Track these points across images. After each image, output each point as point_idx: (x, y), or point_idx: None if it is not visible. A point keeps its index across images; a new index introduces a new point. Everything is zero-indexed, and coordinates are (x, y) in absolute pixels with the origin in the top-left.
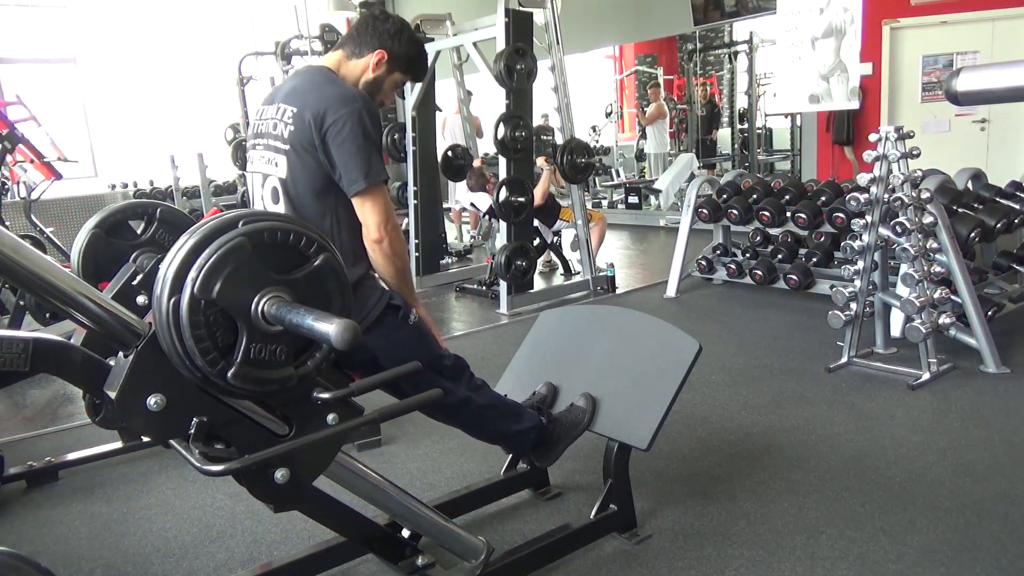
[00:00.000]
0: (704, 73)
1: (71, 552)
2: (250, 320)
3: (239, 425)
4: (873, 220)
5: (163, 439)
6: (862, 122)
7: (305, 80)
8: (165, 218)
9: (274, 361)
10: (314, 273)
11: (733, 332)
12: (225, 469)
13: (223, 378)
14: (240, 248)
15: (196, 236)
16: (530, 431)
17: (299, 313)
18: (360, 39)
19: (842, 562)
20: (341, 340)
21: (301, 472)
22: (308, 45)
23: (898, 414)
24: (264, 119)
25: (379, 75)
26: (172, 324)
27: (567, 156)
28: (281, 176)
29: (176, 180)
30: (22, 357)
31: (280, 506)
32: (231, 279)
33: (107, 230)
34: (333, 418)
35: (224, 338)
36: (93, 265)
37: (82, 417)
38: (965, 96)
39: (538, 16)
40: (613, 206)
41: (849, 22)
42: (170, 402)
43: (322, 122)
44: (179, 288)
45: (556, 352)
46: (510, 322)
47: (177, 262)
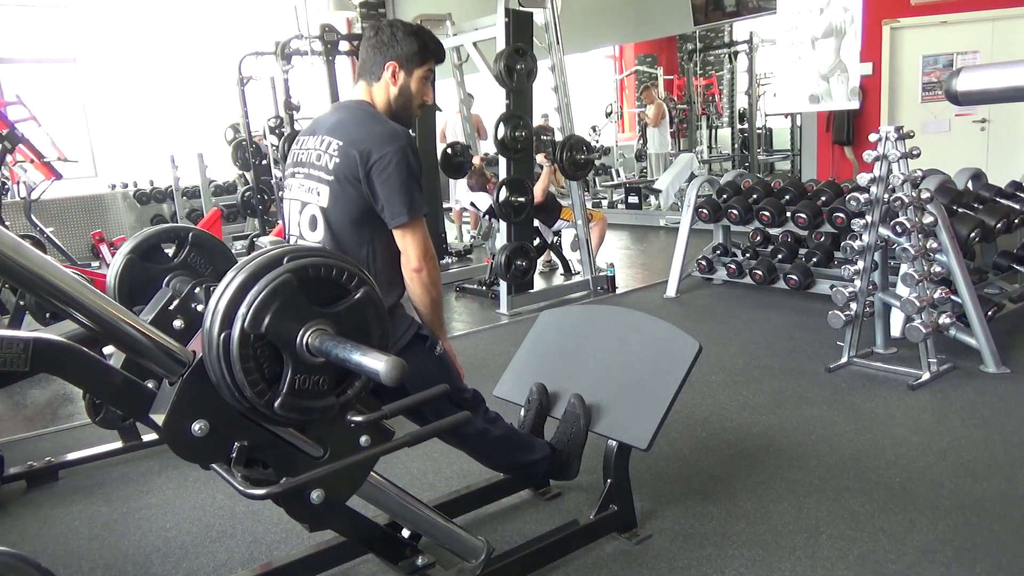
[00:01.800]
0: (704, 73)
1: (71, 552)
2: (295, 353)
3: (277, 448)
4: (873, 220)
5: (206, 463)
6: (862, 122)
7: (349, 115)
8: (196, 242)
9: (317, 391)
10: (355, 306)
11: (733, 332)
12: (267, 493)
13: (270, 408)
14: (287, 284)
15: (244, 272)
16: (542, 461)
17: (345, 348)
18: (370, 65)
19: (842, 562)
20: (391, 378)
21: (335, 493)
22: (308, 45)
23: (898, 414)
24: (306, 149)
25: (402, 84)
26: (222, 357)
27: (567, 153)
28: (322, 205)
29: (176, 180)
30: (22, 357)
31: (316, 526)
32: (279, 314)
33: (141, 255)
34: (366, 440)
35: (270, 370)
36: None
37: (82, 417)
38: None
39: (538, 16)
40: (613, 206)
41: (849, 22)
42: (214, 427)
43: (368, 157)
44: (229, 323)
45: (556, 352)
46: (510, 322)
47: (227, 298)
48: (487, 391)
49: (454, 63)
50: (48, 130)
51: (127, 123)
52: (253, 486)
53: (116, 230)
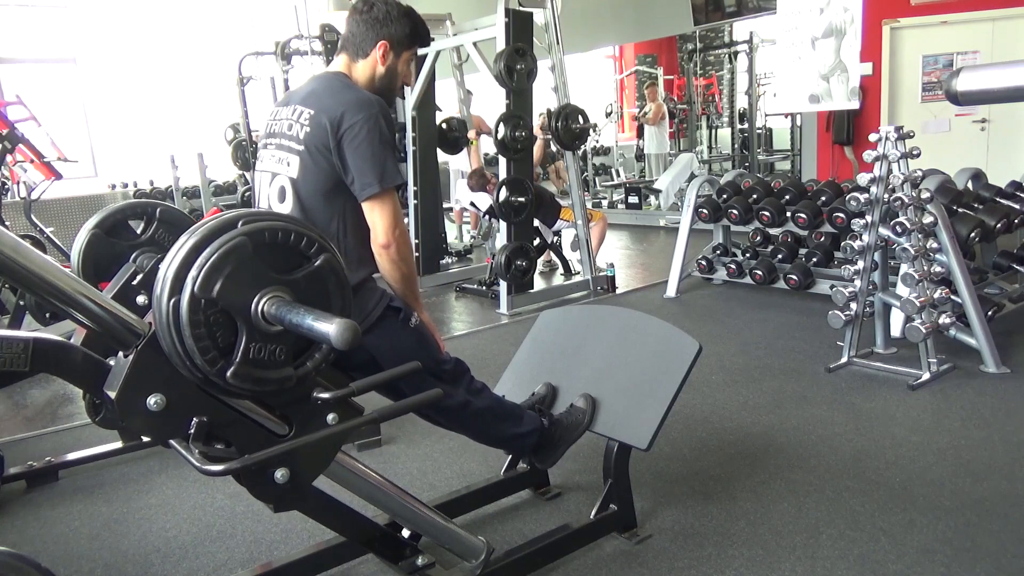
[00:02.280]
0: (704, 73)
1: (71, 552)
2: (250, 320)
3: (239, 425)
4: (873, 220)
5: (163, 439)
6: (862, 122)
7: (322, 84)
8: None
9: (273, 361)
10: (314, 273)
11: (733, 332)
12: (225, 469)
13: (222, 378)
14: (241, 247)
15: (196, 236)
16: (531, 434)
17: (299, 313)
18: (357, 39)
19: (842, 562)
20: (341, 340)
21: (301, 472)
22: (308, 45)
23: (898, 414)
24: (279, 119)
25: (390, 64)
26: (172, 323)
27: (562, 122)
28: (292, 176)
29: (176, 180)
30: (22, 357)
31: (280, 506)
32: (232, 278)
33: (107, 230)
34: (333, 418)
35: (224, 338)
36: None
37: (82, 417)
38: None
39: (538, 16)
40: (613, 206)
41: (849, 22)
42: (170, 402)
43: (339, 126)
44: (179, 288)
45: (556, 352)
46: (510, 322)
47: (177, 262)
48: None
49: (454, 63)
50: (48, 130)
51: (127, 123)
52: (211, 463)
53: None
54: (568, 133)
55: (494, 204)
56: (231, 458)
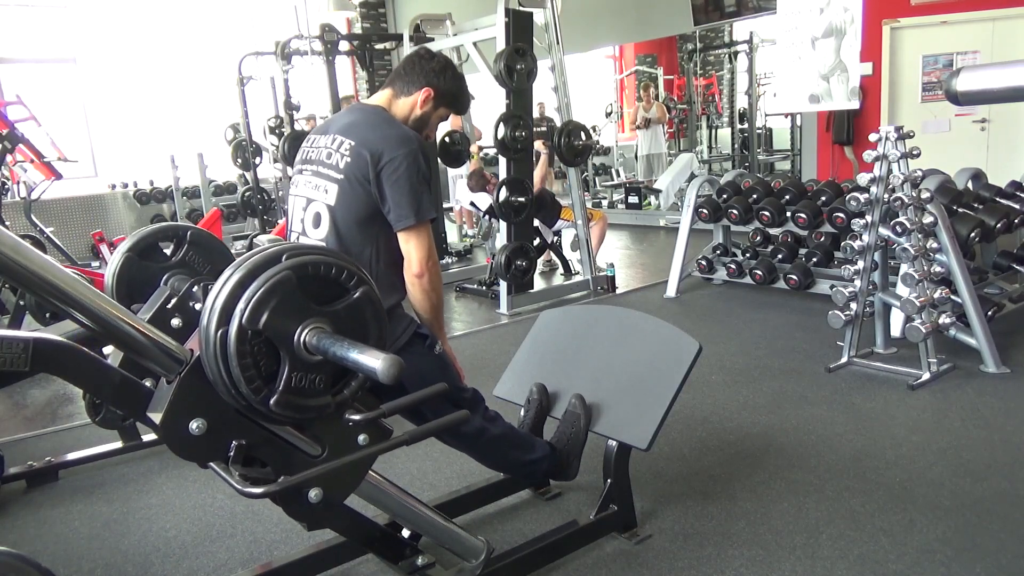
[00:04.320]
0: (704, 73)
1: (71, 552)
2: (293, 350)
3: (275, 447)
4: (873, 220)
5: (204, 461)
6: (862, 122)
7: (362, 117)
8: (194, 240)
9: (313, 389)
10: (353, 305)
11: (733, 332)
12: (264, 492)
13: (266, 405)
14: (286, 281)
15: (243, 270)
16: (542, 460)
17: (343, 346)
18: (408, 78)
19: (842, 562)
20: (387, 375)
21: (333, 491)
22: (308, 45)
23: (898, 414)
24: (316, 147)
25: (426, 111)
26: (219, 353)
27: (565, 138)
28: (329, 203)
29: (176, 180)
30: (22, 357)
31: (314, 524)
32: (277, 310)
33: (139, 253)
34: (364, 439)
35: (267, 367)
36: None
37: (82, 417)
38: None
39: (538, 16)
40: (613, 206)
41: (849, 22)
42: (211, 426)
43: (379, 159)
44: (227, 319)
45: (556, 352)
46: (510, 322)
47: (225, 294)
48: (487, 391)
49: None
50: (48, 130)
51: (127, 123)
52: (251, 485)
53: (116, 230)
54: (571, 150)
55: (494, 204)
56: (268, 478)
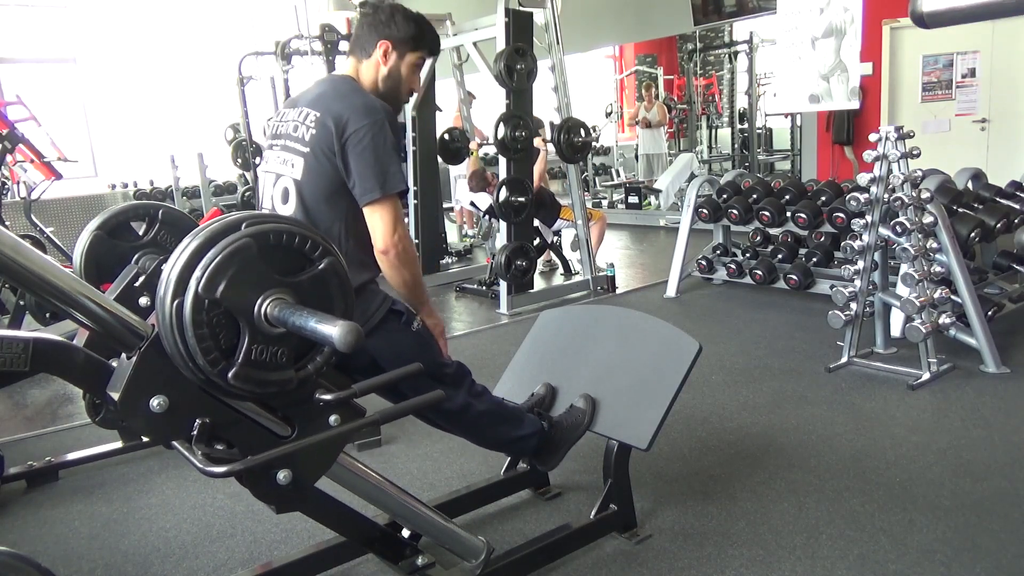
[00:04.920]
0: (704, 73)
1: (71, 552)
2: (253, 321)
3: (241, 426)
4: (873, 220)
5: (166, 440)
6: (862, 122)
7: (329, 88)
8: (167, 219)
9: (275, 363)
10: (318, 276)
11: (733, 332)
12: (228, 471)
13: (224, 379)
14: (245, 249)
15: (200, 237)
16: (531, 437)
17: (302, 315)
18: (362, 41)
19: (842, 562)
20: (344, 342)
21: (303, 473)
22: (308, 45)
23: (898, 414)
24: (285, 121)
25: (391, 65)
26: (175, 324)
27: (564, 135)
28: (296, 177)
29: (176, 180)
30: (22, 357)
31: (282, 507)
32: (235, 280)
33: (109, 231)
34: (335, 419)
35: (226, 339)
36: (95, 266)
37: (82, 417)
38: (932, 17)
39: (538, 16)
40: (613, 206)
41: (849, 22)
42: (173, 403)
43: (343, 129)
44: (183, 289)
45: (556, 352)
46: (510, 322)
47: (181, 263)
48: None
49: (454, 63)
50: (48, 130)
51: (127, 123)
52: (214, 464)
53: None
54: (570, 146)
55: (494, 204)
56: (234, 459)
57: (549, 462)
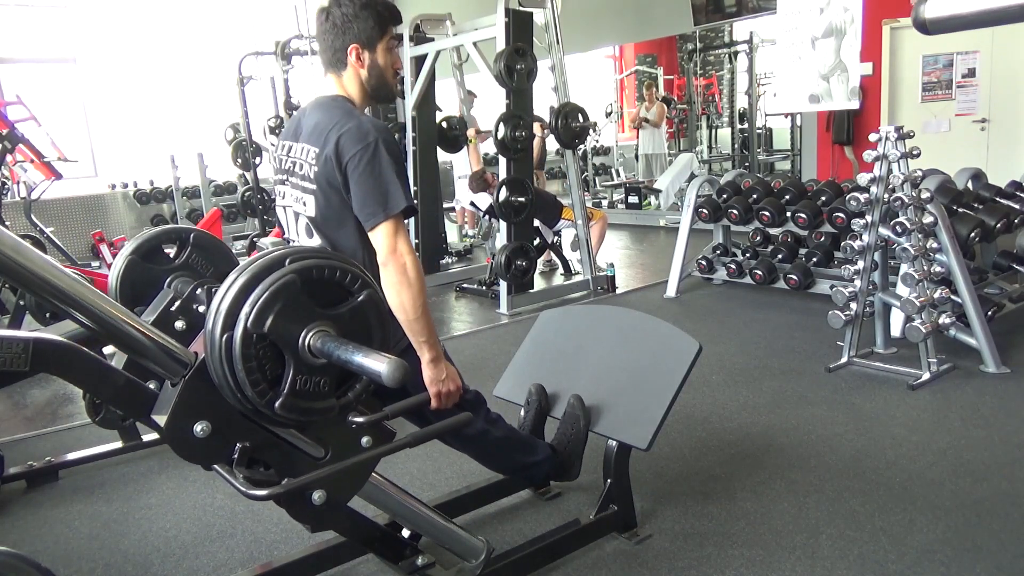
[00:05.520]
0: (704, 73)
1: (71, 552)
2: (297, 354)
3: (279, 449)
4: (873, 220)
5: (208, 463)
6: (862, 122)
7: (323, 116)
8: (198, 243)
9: (318, 392)
10: (357, 308)
11: (733, 332)
12: (269, 494)
13: (271, 408)
14: (291, 285)
15: (247, 273)
16: (543, 462)
17: (347, 350)
18: (331, 53)
19: (842, 562)
20: (392, 379)
21: (337, 493)
22: (308, 45)
23: (898, 414)
24: (291, 157)
25: (369, 63)
26: (224, 357)
27: (562, 120)
28: (311, 215)
29: (176, 180)
30: (22, 357)
31: (317, 526)
32: (282, 314)
33: (143, 256)
34: (367, 441)
35: (272, 371)
36: (130, 290)
37: (82, 417)
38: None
39: (538, 16)
40: (613, 206)
41: (849, 22)
42: (215, 429)
43: (340, 159)
44: (232, 323)
45: (556, 352)
46: (510, 322)
47: (230, 298)
48: (487, 391)
49: (454, 63)
50: (48, 130)
51: (127, 123)
52: (255, 487)
53: (116, 230)
54: (568, 131)
55: (494, 204)
56: (272, 480)
57: (569, 475)
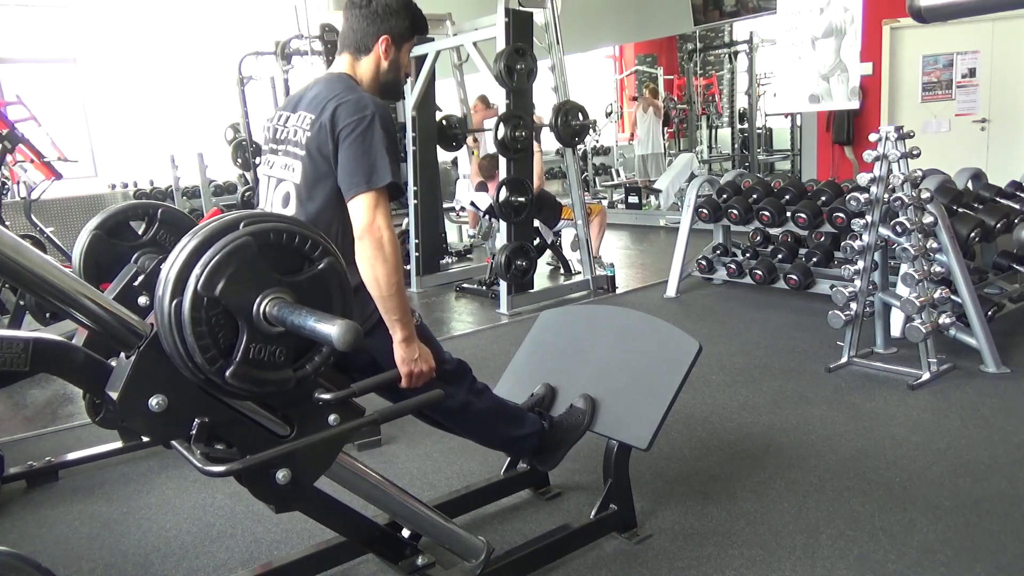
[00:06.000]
0: (704, 73)
1: (71, 552)
2: (251, 320)
3: (240, 426)
4: (873, 220)
5: (164, 439)
6: (862, 122)
7: (324, 88)
8: (166, 219)
9: (273, 362)
10: (317, 276)
11: (733, 332)
12: (227, 470)
13: (221, 377)
14: (245, 247)
15: (199, 236)
16: (531, 436)
17: (301, 314)
18: (358, 35)
19: (842, 562)
20: (343, 341)
21: (302, 473)
22: (308, 45)
23: (898, 414)
24: (285, 125)
25: (393, 58)
26: (174, 323)
27: (561, 118)
28: (295, 181)
29: (176, 180)
30: (22, 357)
31: (281, 507)
32: (235, 278)
33: (108, 231)
34: (334, 419)
35: (225, 338)
36: (95, 266)
37: (82, 417)
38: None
39: (538, 16)
40: (613, 206)
41: (849, 22)
42: (172, 403)
43: (335, 127)
44: (182, 288)
45: (556, 352)
46: (510, 322)
47: (180, 261)
48: None
49: (454, 63)
50: (48, 130)
51: (127, 123)
52: (213, 464)
53: None
54: (567, 129)
55: (494, 204)
56: (233, 459)
57: (548, 462)
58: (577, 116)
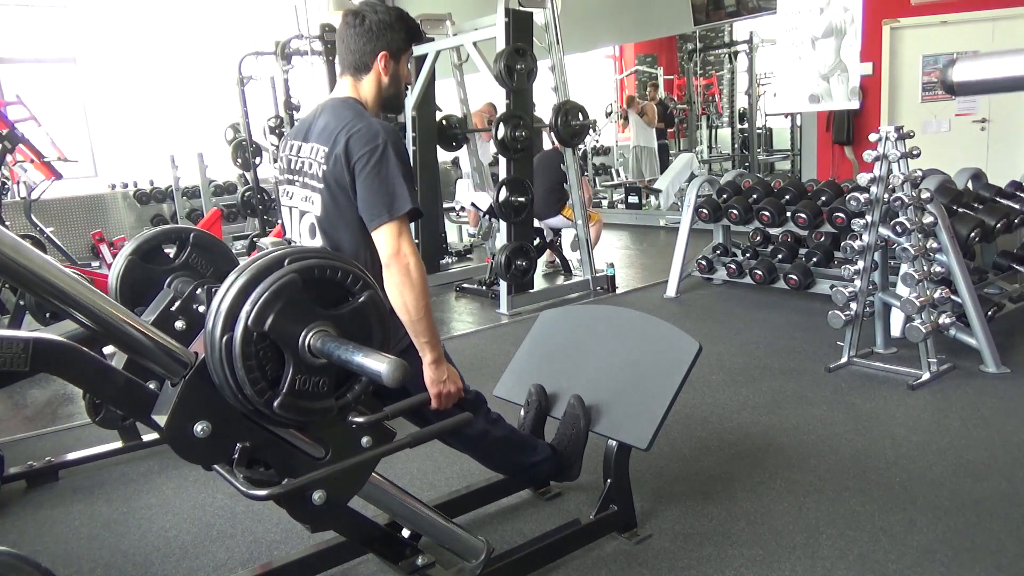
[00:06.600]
0: (704, 73)
1: (71, 552)
2: (297, 353)
3: (279, 449)
4: (873, 220)
5: (208, 463)
6: (862, 122)
7: (332, 117)
8: (197, 242)
9: (317, 392)
10: (358, 309)
11: (733, 332)
12: (269, 494)
13: (270, 408)
14: (292, 284)
15: (248, 273)
16: (544, 463)
17: (348, 350)
18: (356, 55)
19: (842, 562)
20: (392, 379)
21: (337, 493)
22: (308, 45)
23: (898, 414)
24: (300, 157)
25: (392, 72)
26: (224, 356)
27: (561, 118)
28: (317, 214)
29: (176, 180)
30: (22, 357)
31: (317, 526)
32: (282, 313)
33: (142, 256)
34: (367, 441)
35: (272, 370)
36: (130, 290)
37: (82, 417)
38: (961, 87)
39: (538, 16)
40: (613, 206)
41: (849, 22)
42: (216, 429)
43: (349, 159)
44: (232, 323)
45: (556, 352)
46: (510, 322)
47: (231, 297)
48: (487, 391)
49: (454, 63)
50: (48, 130)
51: (127, 123)
52: (255, 487)
53: (116, 230)
54: (567, 129)
55: (494, 204)
56: (272, 481)
57: (570, 475)
58: (577, 116)
